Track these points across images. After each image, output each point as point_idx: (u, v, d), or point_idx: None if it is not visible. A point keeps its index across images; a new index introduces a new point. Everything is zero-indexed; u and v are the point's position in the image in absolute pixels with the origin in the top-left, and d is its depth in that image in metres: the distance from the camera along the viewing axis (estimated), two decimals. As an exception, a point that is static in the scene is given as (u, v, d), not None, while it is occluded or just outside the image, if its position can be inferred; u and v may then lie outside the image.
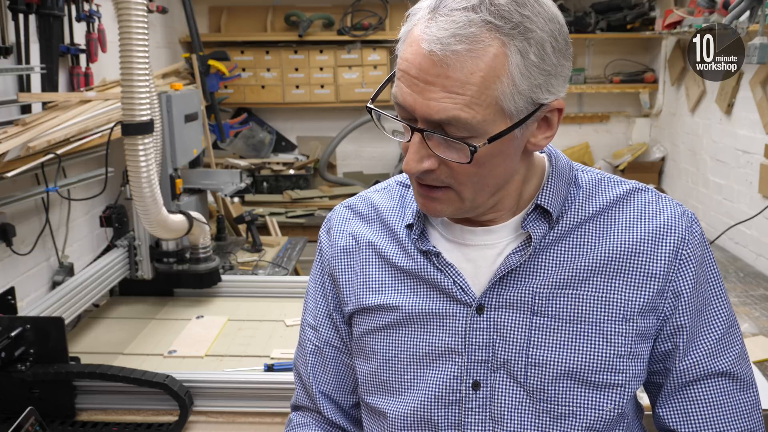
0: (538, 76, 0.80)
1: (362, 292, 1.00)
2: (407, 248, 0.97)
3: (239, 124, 4.31)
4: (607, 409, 0.90)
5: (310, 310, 1.09)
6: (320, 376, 1.07)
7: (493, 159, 0.84)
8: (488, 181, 0.87)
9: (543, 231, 0.92)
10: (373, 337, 0.99)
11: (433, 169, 0.85)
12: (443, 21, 0.78)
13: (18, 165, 2.05)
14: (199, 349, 2.14)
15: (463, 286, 0.93)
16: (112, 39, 2.68)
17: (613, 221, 0.93)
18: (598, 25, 4.26)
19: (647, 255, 0.91)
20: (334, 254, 1.04)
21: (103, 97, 2.48)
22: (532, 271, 0.91)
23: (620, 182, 0.97)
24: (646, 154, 4.44)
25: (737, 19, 1.91)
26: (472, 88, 0.78)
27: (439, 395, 0.93)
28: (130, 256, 2.46)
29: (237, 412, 1.84)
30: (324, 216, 4.65)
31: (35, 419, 1.48)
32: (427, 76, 0.79)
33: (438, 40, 0.78)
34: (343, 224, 1.05)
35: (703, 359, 0.93)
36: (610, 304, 0.90)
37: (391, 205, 1.02)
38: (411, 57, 0.81)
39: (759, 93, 2.95)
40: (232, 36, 4.40)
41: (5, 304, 1.87)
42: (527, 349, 0.90)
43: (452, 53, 0.77)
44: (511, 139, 0.84)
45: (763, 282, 2.72)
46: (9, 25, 2.24)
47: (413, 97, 0.81)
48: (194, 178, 3.00)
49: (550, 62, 0.81)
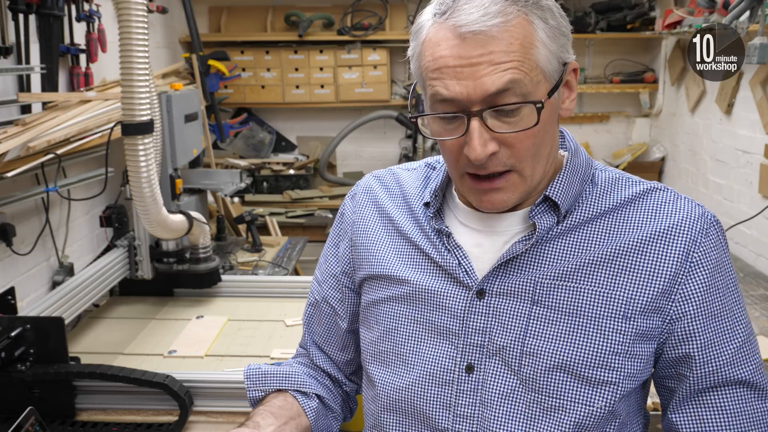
0: (560, 37, 0.87)
1: (375, 259, 1.04)
2: (423, 225, 1.01)
3: (239, 124, 4.32)
4: (597, 405, 0.89)
5: (321, 266, 1.16)
6: (314, 327, 1.16)
7: (546, 124, 0.87)
8: (542, 152, 0.89)
9: (550, 223, 0.93)
10: (378, 307, 1.02)
11: (495, 152, 0.86)
12: (468, 8, 0.83)
13: (18, 165, 2.05)
14: (199, 349, 2.14)
15: (467, 269, 0.95)
16: (112, 39, 2.68)
17: (625, 218, 0.93)
18: (598, 25, 4.25)
19: (655, 253, 0.90)
20: (356, 219, 1.09)
21: (103, 97, 2.48)
22: (536, 262, 0.92)
23: (639, 182, 0.97)
24: (646, 154, 4.44)
25: (737, 19, 1.91)
26: (516, 55, 0.83)
27: (433, 374, 0.95)
28: (130, 256, 2.46)
29: (237, 412, 1.84)
30: (324, 216, 4.64)
31: (35, 419, 1.48)
32: (471, 59, 0.83)
33: (473, 22, 0.82)
34: (369, 193, 1.10)
35: (723, 367, 0.91)
36: (612, 301, 0.89)
37: (416, 184, 1.06)
38: (446, 51, 0.84)
39: (759, 93, 2.95)
40: (232, 36, 4.40)
41: (5, 304, 1.87)
42: (524, 338, 0.91)
43: (490, 28, 0.82)
44: (554, 104, 0.89)
45: (763, 282, 2.73)
46: (9, 25, 2.24)
47: (462, 84, 0.83)
48: (194, 178, 3.00)
49: (563, 24, 0.88)
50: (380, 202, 1.07)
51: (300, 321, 2.24)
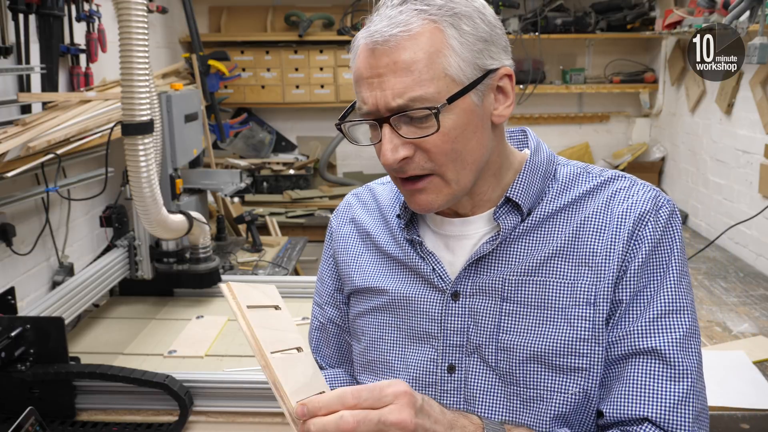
0: (476, 43, 0.87)
1: (356, 274, 1.07)
2: (397, 237, 1.04)
3: (239, 124, 4.32)
4: (571, 392, 0.91)
5: (318, 290, 1.16)
6: (324, 351, 1.15)
7: (463, 131, 0.88)
8: (466, 157, 0.90)
9: (513, 223, 0.95)
10: (363, 319, 1.05)
11: (410, 156, 0.89)
12: (378, 19, 0.87)
13: (18, 165, 2.05)
14: (199, 349, 2.14)
15: (441, 274, 0.98)
16: (112, 39, 2.68)
17: (582, 210, 0.96)
18: (598, 25, 4.25)
19: (610, 238, 0.92)
20: (337, 238, 1.13)
21: (103, 97, 2.48)
22: (504, 260, 0.95)
23: (599, 174, 0.99)
24: (646, 154, 4.44)
25: (737, 19, 1.91)
26: (419, 66, 0.85)
27: (417, 377, 0.98)
28: (130, 256, 2.46)
29: (237, 412, 1.84)
30: (324, 216, 4.64)
31: (35, 419, 1.48)
32: (378, 70, 0.86)
33: (376, 32, 0.86)
34: (348, 211, 1.14)
35: (632, 334, 0.90)
36: (575, 289, 0.92)
37: (390, 196, 1.10)
38: (360, 62, 0.88)
39: (759, 93, 2.95)
40: (232, 36, 4.40)
41: (5, 304, 1.88)
42: (497, 334, 0.94)
43: (391, 37, 0.85)
44: (473, 109, 0.89)
45: (763, 282, 2.72)
46: (9, 25, 2.24)
47: (372, 94, 0.87)
48: (194, 178, 3.00)
49: (483, 30, 0.88)
50: (358, 219, 1.11)
51: (299, 321, 2.24)
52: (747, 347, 2.05)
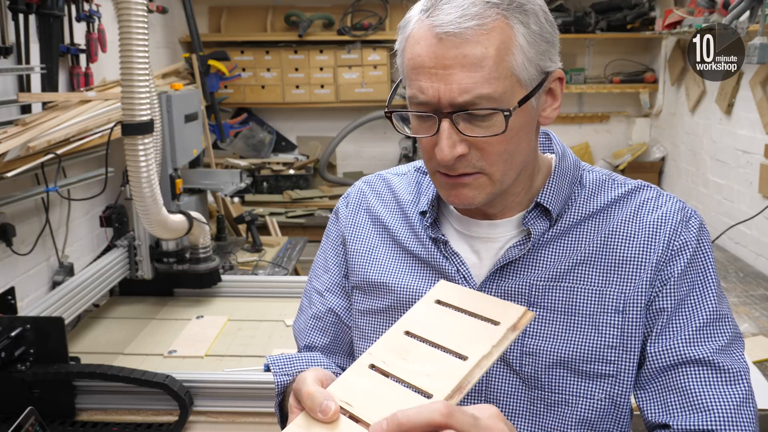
0: (541, 44, 0.85)
1: (372, 267, 1.03)
2: (419, 234, 1.01)
3: (239, 124, 4.32)
4: (597, 398, 0.92)
5: (320, 276, 1.11)
6: (316, 339, 1.08)
7: (520, 131, 0.87)
8: (516, 158, 0.89)
9: (543, 228, 0.94)
10: (370, 317, 1.02)
11: (465, 154, 0.86)
12: (447, 8, 0.82)
13: (18, 165, 2.05)
14: (199, 349, 2.14)
15: (466, 275, 0.96)
16: (112, 39, 2.68)
17: (612, 218, 0.95)
18: (598, 25, 4.25)
19: (641, 247, 0.92)
20: (349, 225, 1.08)
21: (103, 97, 2.48)
22: (532, 265, 0.94)
23: (625, 183, 0.99)
24: (646, 154, 4.44)
25: (737, 19, 1.91)
26: (489, 62, 0.81)
27: None
28: (130, 256, 2.46)
29: (237, 412, 1.84)
30: (324, 216, 4.64)
31: (35, 419, 1.48)
32: (444, 61, 0.82)
33: (449, 23, 0.81)
34: (361, 199, 1.09)
35: (679, 345, 0.90)
36: (604, 296, 0.92)
37: (408, 190, 1.06)
38: (423, 50, 0.83)
39: (759, 93, 2.95)
40: (232, 36, 4.40)
41: (5, 304, 1.88)
42: (522, 339, 0.93)
43: (465, 30, 0.81)
44: (530, 110, 0.87)
45: (763, 282, 2.72)
46: (9, 25, 2.24)
47: (435, 86, 0.83)
48: (194, 178, 3.00)
49: (547, 30, 0.86)
50: (373, 209, 1.07)
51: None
52: (747, 347, 2.03)
